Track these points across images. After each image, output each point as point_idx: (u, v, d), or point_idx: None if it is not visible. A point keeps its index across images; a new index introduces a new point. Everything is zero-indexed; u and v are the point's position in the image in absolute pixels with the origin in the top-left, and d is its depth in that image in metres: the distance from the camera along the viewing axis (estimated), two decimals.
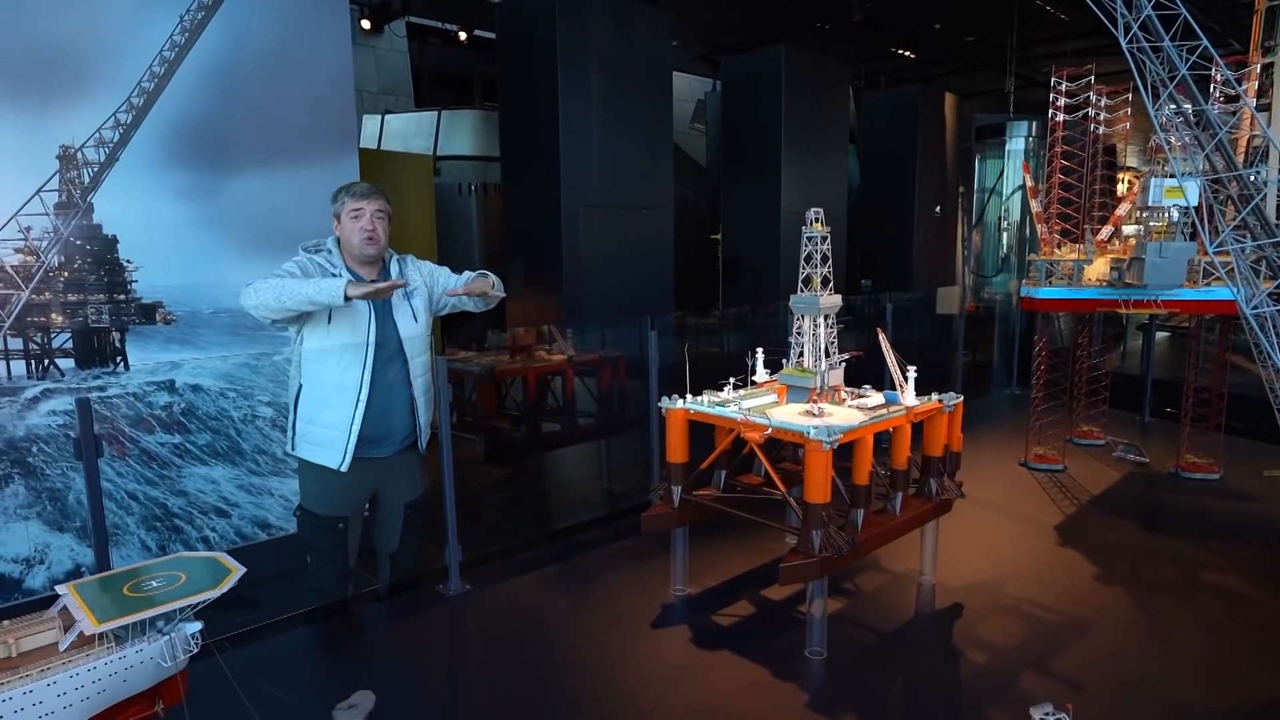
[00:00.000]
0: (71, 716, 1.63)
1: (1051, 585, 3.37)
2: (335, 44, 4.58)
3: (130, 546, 4.05)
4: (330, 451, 3.22)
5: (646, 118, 6.42)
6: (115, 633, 1.72)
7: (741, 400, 3.14)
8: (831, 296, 3.23)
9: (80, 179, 3.80)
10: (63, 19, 3.71)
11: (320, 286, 2.95)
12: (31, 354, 3.75)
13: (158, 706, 1.81)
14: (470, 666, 2.84)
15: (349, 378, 3.21)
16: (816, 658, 2.80)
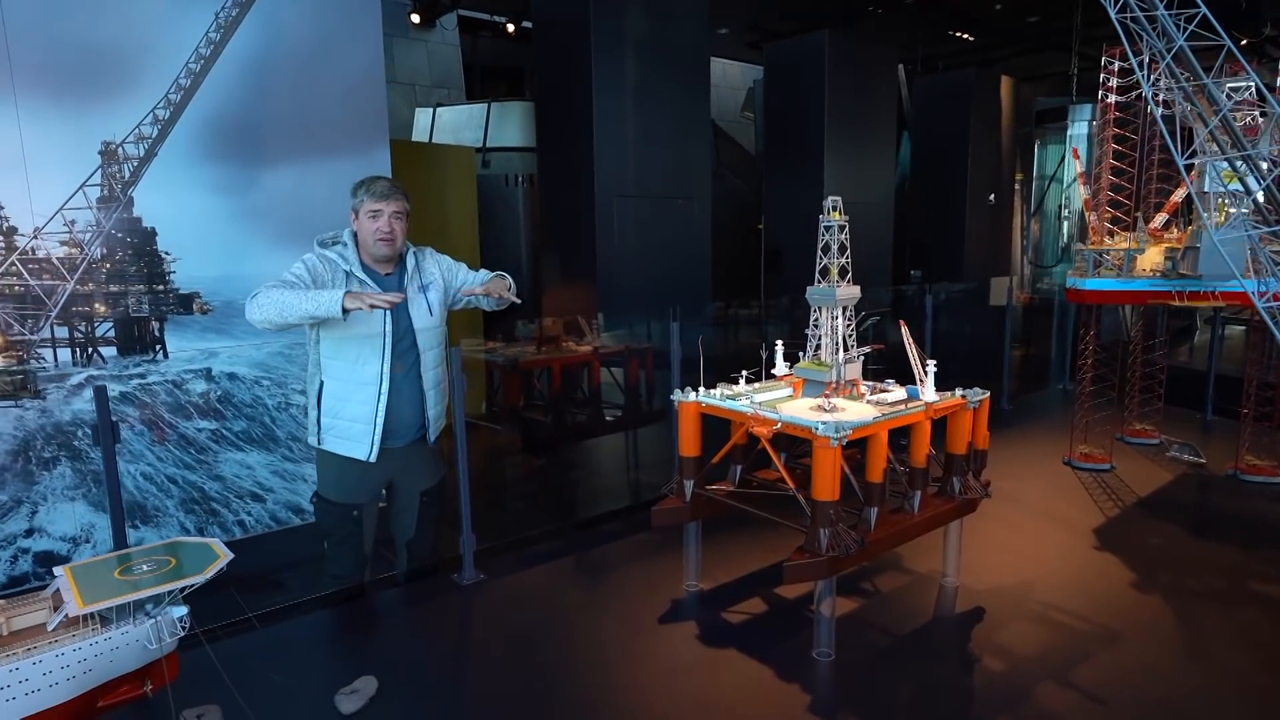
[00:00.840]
0: (57, 694, 1.69)
1: (1083, 592, 3.21)
2: (367, 38, 4.63)
3: (170, 528, 4.21)
4: (357, 444, 3.28)
5: (684, 106, 6.34)
6: (103, 614, 1.77)
7: (754, 394, 3.08)
8: (849, 288, 3.13)
9: (121, 174, 3.94)
10: (104, 20, 3.84)
11: (318, 301, 2.93)
12: (76, 342, 3.91)
13: (146, 687, 1.85)
14: (474, 656, 2.85)
15: (369, 371, 3.26)
16: (824, 659, 2.73)
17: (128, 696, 1.83)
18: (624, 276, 6.12)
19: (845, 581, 3.31)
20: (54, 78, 3.75)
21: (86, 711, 1.78)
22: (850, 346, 3.16)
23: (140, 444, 4.11)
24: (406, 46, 13.30)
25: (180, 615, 1.86)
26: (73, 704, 1.73)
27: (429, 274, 3.46)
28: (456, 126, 12.04)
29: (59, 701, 1.69)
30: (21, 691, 1.64)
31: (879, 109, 7.96)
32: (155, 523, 4.17)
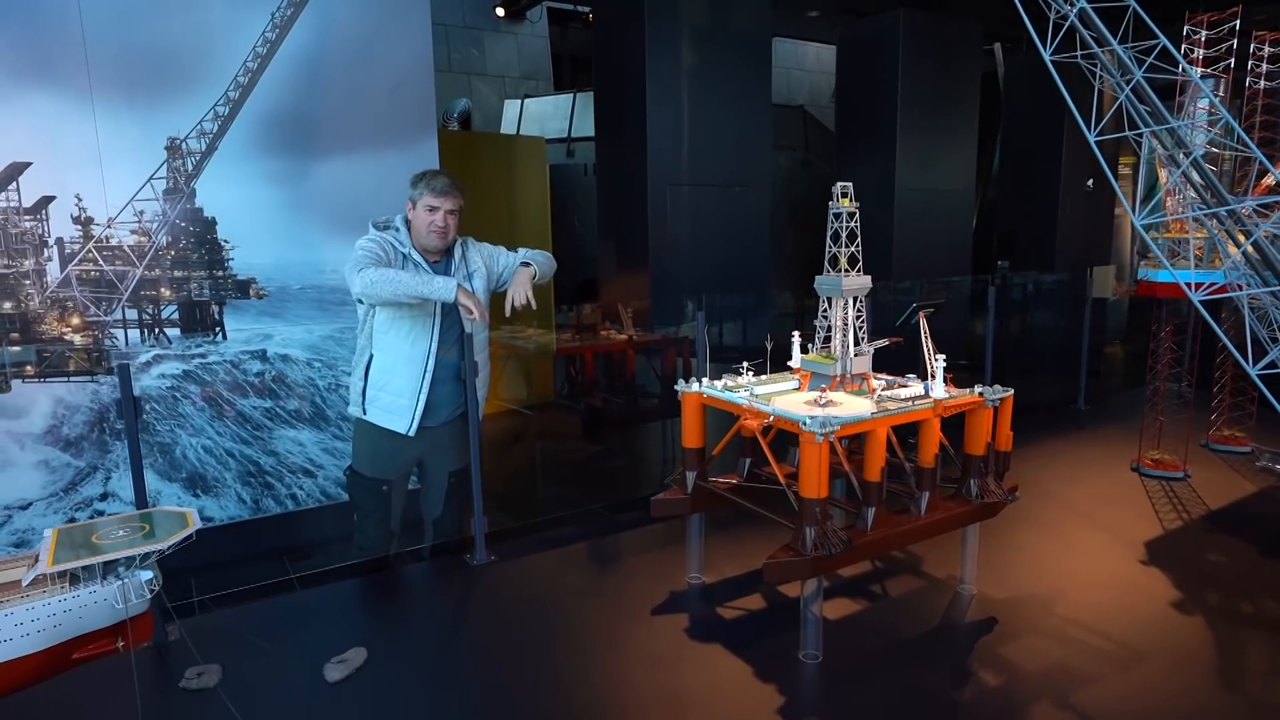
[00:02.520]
0: (29, 645, 1.85)
1: (1115, 608, 2.97)
2: (416, 32, 4.77)
3: (228, 498, 4.51)
4: (400, 418, 3.45)
5: (743, 92, 6.22)
6: (76, 573, 1.92)
7: (755, 386, 3.00)
8: (858, 278, 3.00)
9: (185, 167, 4.23)
10: (169, 23, 4.12)
11: (434, 286, 3.17)
12: (144, 323, 4.24)
13: (119, 644, 2.00)
14: (464, 634, 2.93)
15: (418, 349, 3.43)
16: (811, 661, 2.65)
17: (101, 651, 1.98)
18: (677, 265, 6.09)
19: (852, 582, 3.20)
20: (126, 79, 4.05)
21: (61, 662, 1.94)
22: (861, 339, 3.02)
23: (201, 419, 4.42)
24: (496, 40, 13.62)
25: (148, 579, 1.99)
26: (46, 654, 1.89)
27: (473, 263, 3.61)
28: (543, 117, 12.26)
29: (31, 651, 1.86)
30: None
31: (960, 90, 7.55)
32: (215, 493, 4.48)
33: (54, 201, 3.97)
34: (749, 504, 2.94)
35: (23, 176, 3.90)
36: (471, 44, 13.40)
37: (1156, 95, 1.96)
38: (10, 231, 3.90)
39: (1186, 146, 1.74)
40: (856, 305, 3.02)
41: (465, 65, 13.30)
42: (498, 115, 13.01)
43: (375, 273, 3.16)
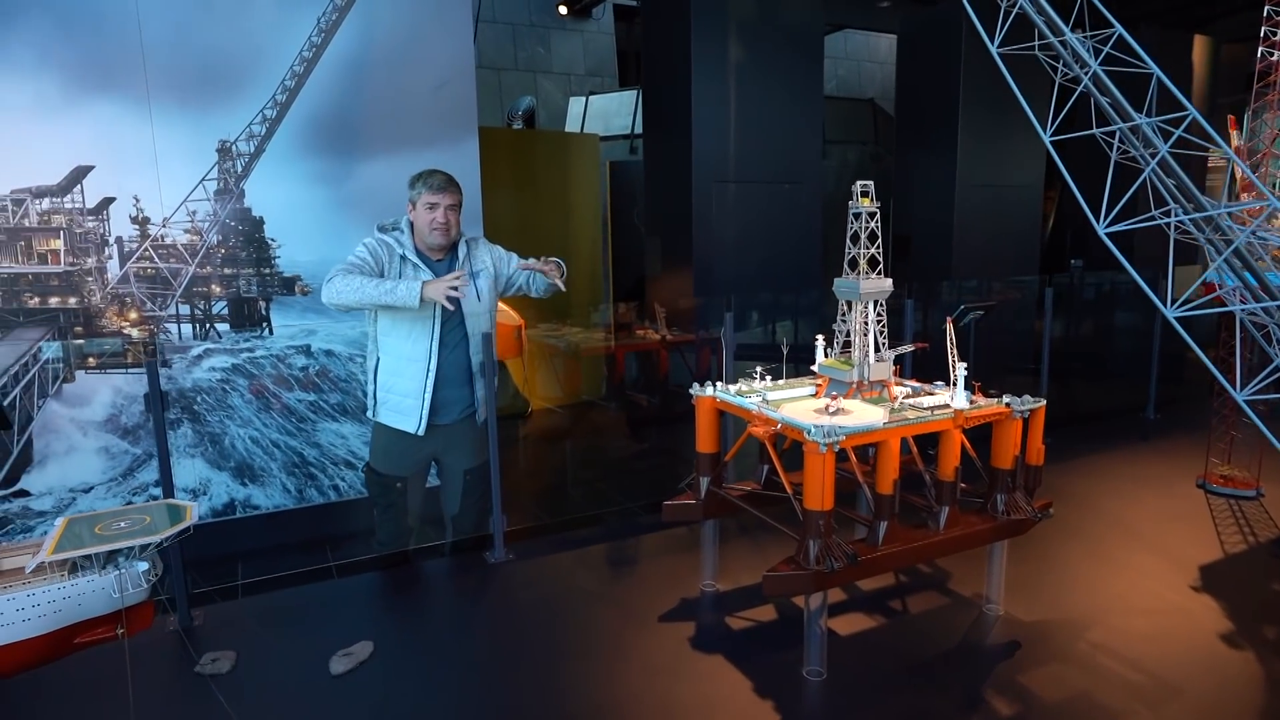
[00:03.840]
0: (30, 628, 1.95)
1: (1153, 637, 2.76)
2: (457, 32, 4.83)
3: (274, 487, 4.68)
4: (407, 418, 3.50)
5: (792, 87, 6.07)
6: (77, 562, 2.01)
7: (768, 391, 2.92)
8: (878, 280, 2.87)
9: (234, 168, 4.40)
10: (221, 31, 4.29)
11: (396, 294, 3.16)
12: (196, 318, 4.43)
13: (119, 631, 2.08)
14: (471, 632, 2.95)
15: (419, 349, 3.46)
16: (814, 678, 2.56)
17: (101, 637, 2.07)
18: (722, 264, 6.00)
19: (870, 597, 3.08)
20: (181, 85, 4.24)
21: (63, 646, 2.04)
22: (881, 344, 2.90)
23: (249, 411, 4.60)
24: (563, 38, 13.73)
25: (144, 570, 2.07)
26: (47, 638, 1.98)
27: (480, 262, 3.62)
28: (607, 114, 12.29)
29: (33, 635, 1.95)
30: None
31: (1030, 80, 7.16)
32: (261, 482, 4.65)
33: (114, 203, 4.18)
34: (758, 512, 2.86)
35: (86, 179, 4.13)
36: (538, 42, 13.55)
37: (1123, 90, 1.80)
38: (75, 231, 4.13)
39: (1154, 145, 1.57)
40: (877, 309, 2.90)
41: (531, 63, 13.46)
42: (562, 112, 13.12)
43: (341, 281, 3.19)
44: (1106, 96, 1.66)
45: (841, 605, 3.02)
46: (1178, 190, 1.65)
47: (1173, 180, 1.56)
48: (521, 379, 6.51)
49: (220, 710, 2.30)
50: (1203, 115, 6.87)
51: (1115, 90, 1.75)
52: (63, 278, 4.13)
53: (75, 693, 2.47)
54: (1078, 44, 1.65)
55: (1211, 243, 1.64)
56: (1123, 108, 1.67)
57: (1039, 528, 2.91)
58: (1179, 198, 1.66)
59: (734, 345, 3.92)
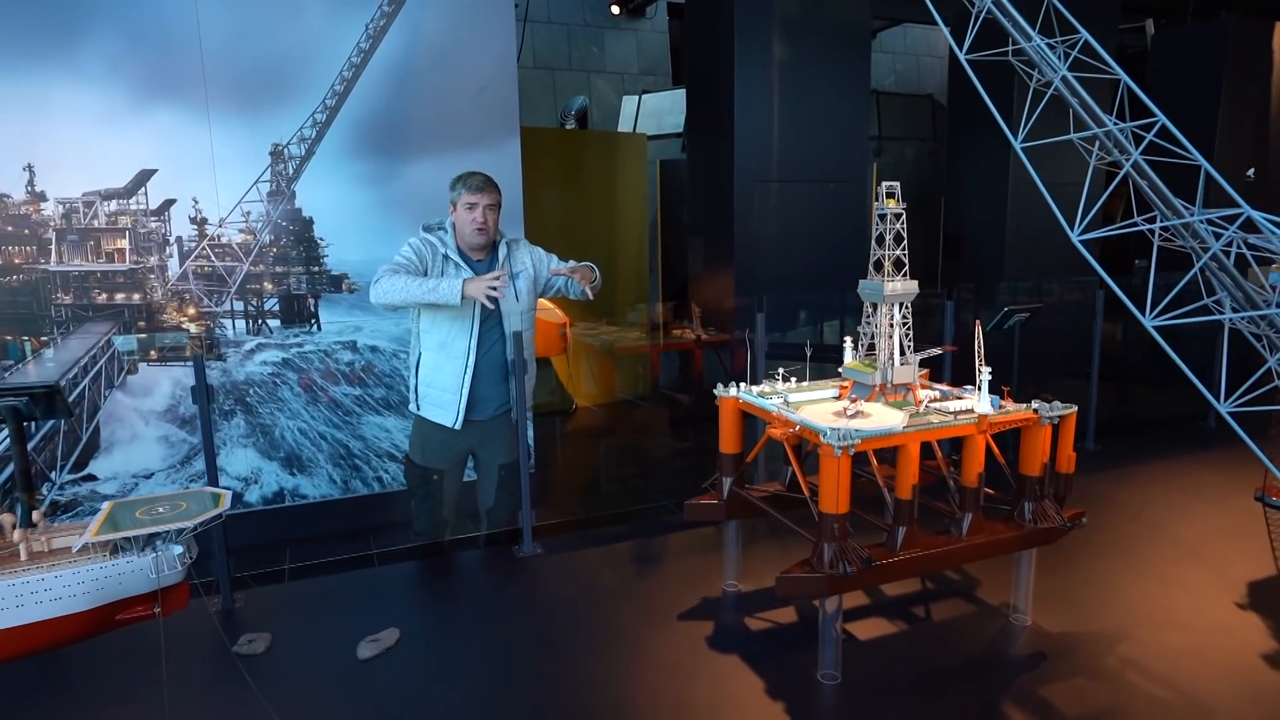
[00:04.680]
0: (75, 604, 2.09)
1: (1189, 653, 2.67)
2: (500, 35, 4.93)
3: (320, 477, 4.86)
4: (446, 412, 3.62)
5: (838, 85, 6.00)
6: (119, 544, 2.15)
7: (790, 393, 2.91)
8: (902, 282, 2.84)
9: (286, 171, 4.58)
10: (275, 39, 4.47)
11: (439, 292, 3.29)
12: (249, 314, 4.64)
13: (156, 609, 2.22)
14: (494, 623, 3.02)
15: (458, 346, 3.58)
16: (829, 682, 2.55)
17: (140, 615, 2.21)
18: (764, 263, 5.97)
19: (893, 602, 3.05)
20: (237, 92, 4.43)
21: (106, 622, 2.18)
22: (906, 347, 2.87)
23: (298, 404, 4.78)
24: (616, 37, 13.80)
25: (179, 553, 2.20)
26: (90, 613, 2.12)
27: (519, 263, 3.72)
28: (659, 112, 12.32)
29: (77, 610, 2.10)
30: (47, 597, 2.05)
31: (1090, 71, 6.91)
32: (309, 472, 4.84)
33: (175, 204, 4.40)
34: (778, 514, 2.86)
35: (150, 182, 4.36)
36: (592, 41, 13.65)
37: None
38: (139, 232, 4.36)
39: (1128, 150, 1.51)
40: (902, 311, 2.87)
41: (585, 63, 13.57)
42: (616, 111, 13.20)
43: (387, 282, 3.33)
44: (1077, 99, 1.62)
45: (863, 610, 3.00)
46: (1156, 198, 1.59)
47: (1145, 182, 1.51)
48: (566, 376, 6.60)
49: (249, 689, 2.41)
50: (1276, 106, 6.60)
51: (1085, 95, 1.71)
52: (128, 275, 4.37)
53: (116, 666, 2.63)
54: (1045, 49, 1.61)
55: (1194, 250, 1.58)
56: (1094, 113, 1.63)
57: (1078, 538, 2.83)
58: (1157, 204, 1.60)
59: (765, 346, 3.92)
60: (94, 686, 2.58)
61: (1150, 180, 1.69)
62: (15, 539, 2.13)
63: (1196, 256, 1.58)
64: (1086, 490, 4.14)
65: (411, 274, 3.44)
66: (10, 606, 2.04)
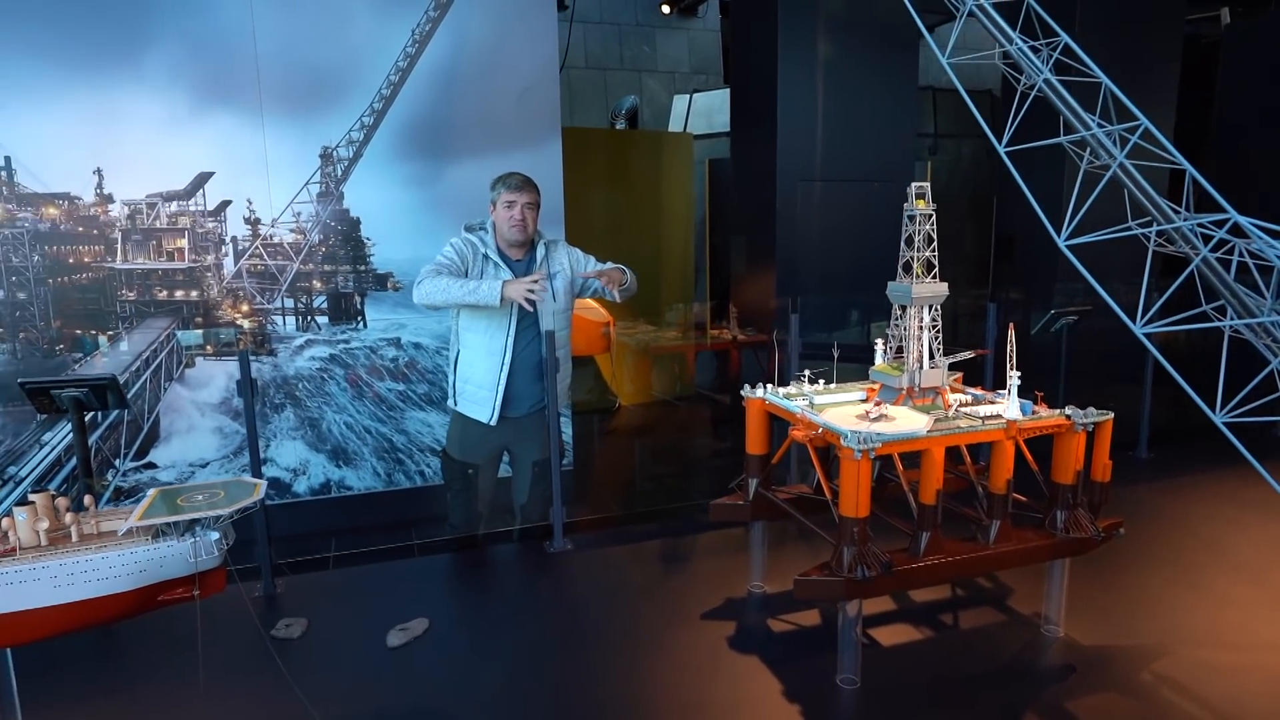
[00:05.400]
0: (119, 584, 2.21)
1: (1229, 672, 2.56)
2: (543, 38, 4.99)
3: (364, 470, 5.01)
4: (482, 408, 3.71)
5: (884, 82, 5.90)
6: (161, 529, 2.26)
7: (817, 396, 2.90)
8: (931, 284, 2.80)
9: (335, 173, 4.74)
10: (325, 45, 4.62)
11: (479, 294, 3.39)
12: (299, 311, 4.81)
13: (195, 592, 2.33)
14: (520, 615, 3.08)
15: (495, 344, 3.66)
16: (847, 686, 2.53)
17: (180, 597, 2.32)
18: (806, 264, 5.92)
19: (921, 608, 3.01)
20: (289, 96, 4.60)
21: (149, 602, 2.30)
22: (935, 350, 2.82)
23: (344, 398, 4.94)
24: (668, 36, 13.81)
25: (215, 539, 2.30)
26: (134, 593, 2.24)
27: (557, 263, 3.79)
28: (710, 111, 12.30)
29: (122, 590, 2.22)
30: (94, 577, 2.18)
31: (1154, 62, 6.66)
32: (354, 465, 5.00)
33: (230, 205, 4.59)
34: (801, 516, 2.85)
35: (207, 184, 4.55)
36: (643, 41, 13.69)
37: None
38: (197, 231, 4.56)
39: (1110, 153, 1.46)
40: (931, 314, 2.82)
41: (636, 63, 13.61)
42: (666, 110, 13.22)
43: (430, 283, 3.43)
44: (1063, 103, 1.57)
45: (889, 615, 2.97)
46: (1147, 202, 1.54)
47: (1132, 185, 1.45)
48: (609, 375, 6.65)
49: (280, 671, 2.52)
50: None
51: (1070, 98, 1.66)
52: (186, 273, 4.58)
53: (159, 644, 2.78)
54: (1028, 53, 1.57)
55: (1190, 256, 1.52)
56: (1080, 116, 1.58)
57: (1120, 549, 2.75)
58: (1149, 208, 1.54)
59: (799, 346, 3.89)
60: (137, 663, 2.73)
61: (1137, 183, 1.64)
62: (67, 521, 2.26)
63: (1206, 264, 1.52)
64: (1134, 500, 4.01)
65: (453, 275, 3.53)
66: (63, 584, 2.17)
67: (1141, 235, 1.70)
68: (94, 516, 2.32)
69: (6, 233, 4.26)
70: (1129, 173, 1.67)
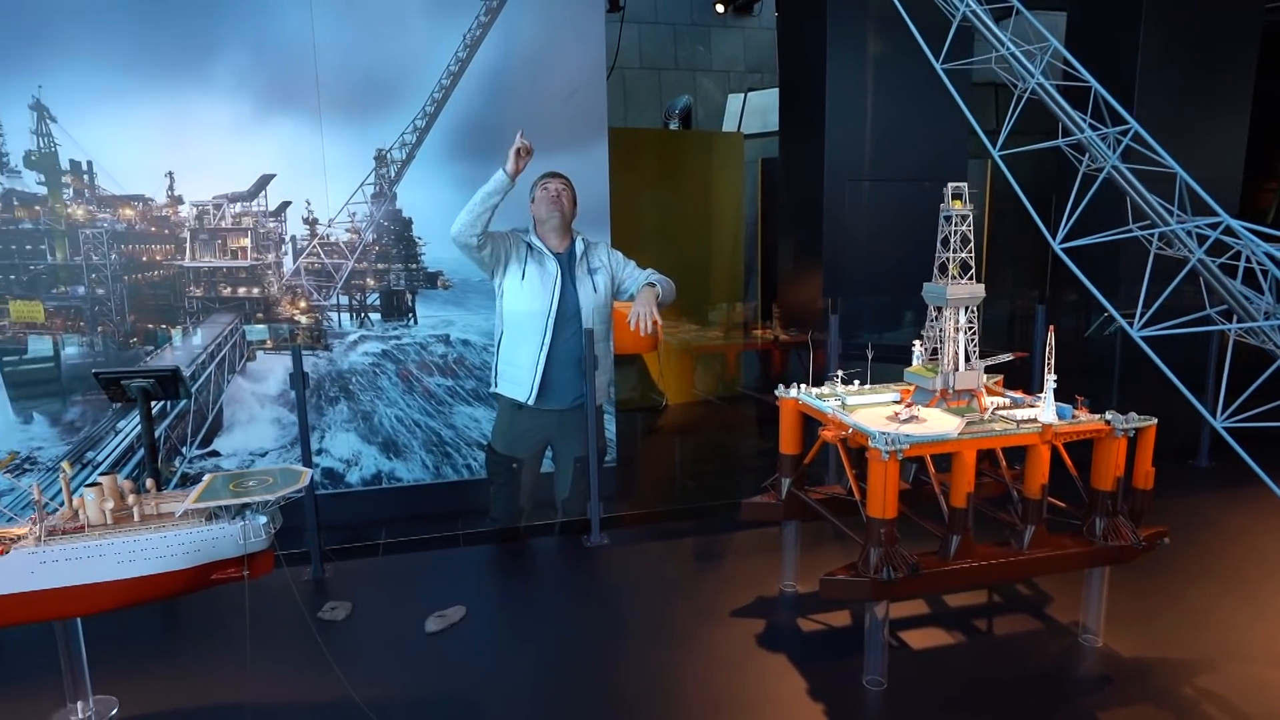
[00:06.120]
0: (175, 562, 2.36)
1: (1275, 688, 2.47)
2: (590, 40, 5.07)
3: (414, 462, 5.17)
4: (521, 387, 3.84)
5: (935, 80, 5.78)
6: (213, 511, 2.41)
7: (849, 396, 2.89)
8: (968, 285, 2.76)
9: (389, 174, 4.90)
10: (381, 50, 4.78)
11: (488, 187, 3.68)
12: (353, 308, 4.99)
13: (245, 572, 2.47)
14: (554, 606, 3.15)
15: (536, 325, 3.80)
16: (874, 688, 2.53)
17: (230, 577, 2.46)
18: (854, 264, 5.86)
19: (955, 613, 2.98)
20: (346, 100, 4.78)
21: (202, 580, 2.44)
22: (971, 352, 2.79)
23: (395, 392, 5.10)
24: (723, 35, 13.77)
25: (263, 523, 2.43)
26: (189, 571, 2.39)
27: (597, 260, 3.88)
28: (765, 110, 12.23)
29: (177, 568, 2.36)
30: (153, 554, 2.33)
31: (1226, 58, 6.38)
32: (404, 457, 5.16)
33: (290, 206, 4.80)
34: (831, 517, 2.86)
35: (269, 186, 4.76)
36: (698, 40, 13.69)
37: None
38: (259, 231, 4.78)
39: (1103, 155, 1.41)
40: (968, 315, 2.79)
41: (690, 62, 13.62)
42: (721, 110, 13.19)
43: (458, 218, 3.71)
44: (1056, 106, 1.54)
45: (921, 618, 2.94)
46: (1142, 203, 1.49)
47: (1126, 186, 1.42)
48: (657, 373, 6.71)
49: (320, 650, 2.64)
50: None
51: (1062, 101, 1.61)
52: (249, 271, 4.80)
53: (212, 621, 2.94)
54: (1020, 56, 1.54)
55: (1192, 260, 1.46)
56: (1073, 119, 1.54)
57: (1168, 561, 2.68)
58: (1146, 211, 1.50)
59: (839, 347, 3.88)
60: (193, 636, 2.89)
61: (1132, 185, 1.59)
62: (130, 502, 2.42)
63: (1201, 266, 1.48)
64: (1189, 510, 3.88)
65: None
66: (125, 560, 2.33)
67: (1143, 238, 1.66)
68: (154, 499, 2.48)
69: (88, 232, 4.53)
70: (1122, 174, 1.63)
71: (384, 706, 2.40)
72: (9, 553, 2.22)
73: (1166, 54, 6.15)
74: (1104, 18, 6.49)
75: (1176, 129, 6.29)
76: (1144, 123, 6.19)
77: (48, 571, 2.25)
